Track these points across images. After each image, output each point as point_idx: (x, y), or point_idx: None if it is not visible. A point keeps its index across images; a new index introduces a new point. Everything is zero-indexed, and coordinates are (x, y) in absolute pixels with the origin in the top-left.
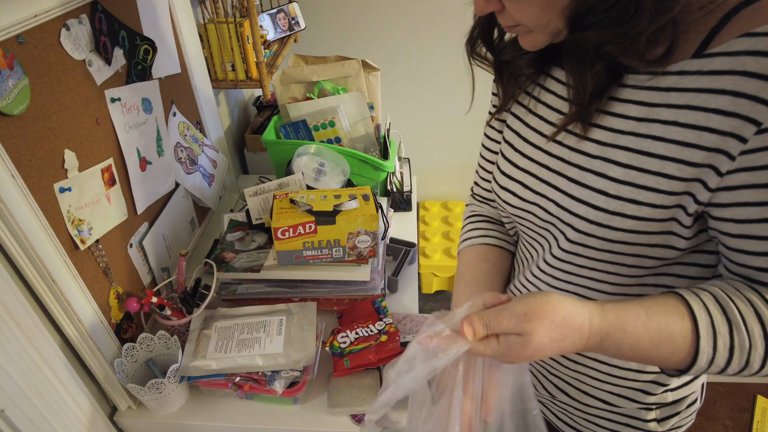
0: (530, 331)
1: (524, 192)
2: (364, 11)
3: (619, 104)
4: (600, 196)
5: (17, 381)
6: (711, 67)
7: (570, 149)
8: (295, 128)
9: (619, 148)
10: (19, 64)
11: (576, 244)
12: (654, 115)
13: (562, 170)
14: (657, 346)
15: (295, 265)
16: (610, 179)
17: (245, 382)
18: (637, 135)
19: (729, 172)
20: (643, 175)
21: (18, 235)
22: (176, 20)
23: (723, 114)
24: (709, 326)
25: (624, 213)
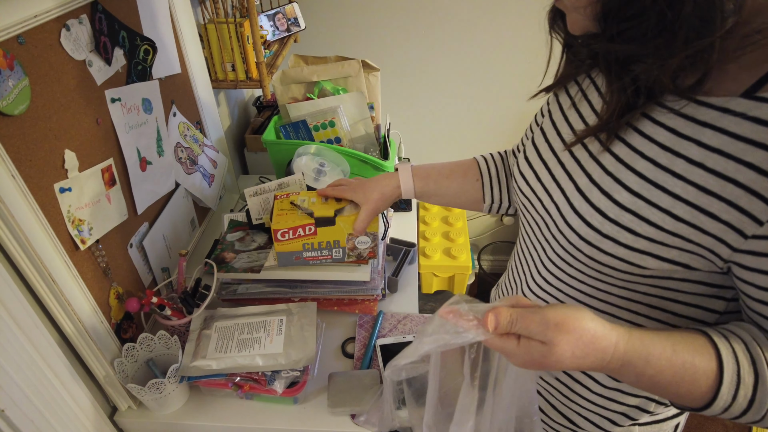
0: (556, 342)
1: (535, 183)
2: (364, 11)
3: (651, 125)
4: (597, 215)
5: (17, 381)
6: (757, 113)
7: (589, 155)
8: (295, 128)
9: (633, 172)
10: (19, 64)
11: (566, 253)
12: (681, 148)
13: (574, 175)
14: (677, 383)
15: (295, 266)
16: (614, 201)
17: (245, 382)
18: (656, 164)
19: (755, 236)
20: (649, 208)
21: (18, 235)
22: (176, 20)
23: (757, 171)
24: (734, 375)
25: (617, 239)
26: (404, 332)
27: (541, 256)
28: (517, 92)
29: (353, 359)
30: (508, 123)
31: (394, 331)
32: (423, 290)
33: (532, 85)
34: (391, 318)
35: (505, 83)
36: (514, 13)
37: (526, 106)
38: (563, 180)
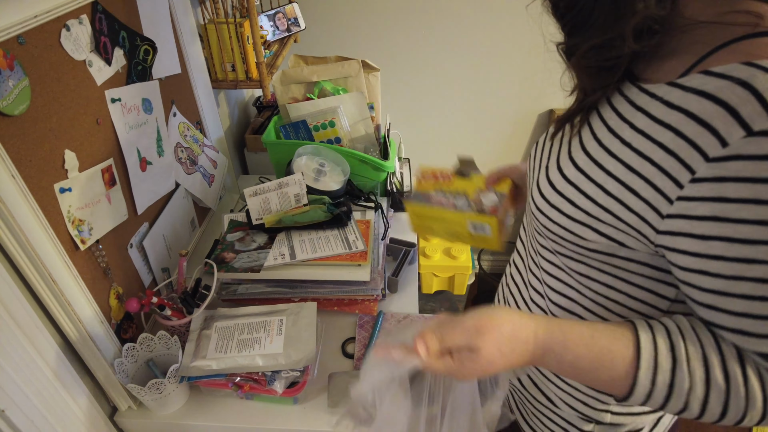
0: (481, 345)
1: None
2: (364, 11)
3: (609, 110)
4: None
5: (17, 381)
6: (670, 97)
7: (567, 141)
8: (295, 128)
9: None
10: (19, 64)
11: (535, 224)
12: (619, 130)
13: (548, 153)
14: (597, 369)
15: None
16: (563, 175)
17: (245, 382)
18: (600, 144)
19: (669, 215)
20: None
21: (18, 235)
22: (176, 21)
23: (665, 150)
24: (652, 360)
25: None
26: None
27: (528, 235)
28: (516, 92)
29: (353, 359)
30: (508, 123)
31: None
32: (423, 290)
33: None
34: (391, 318)
35: (505, 83)
36: (515, 14)
37: (525, 106)
38: (542, 158)
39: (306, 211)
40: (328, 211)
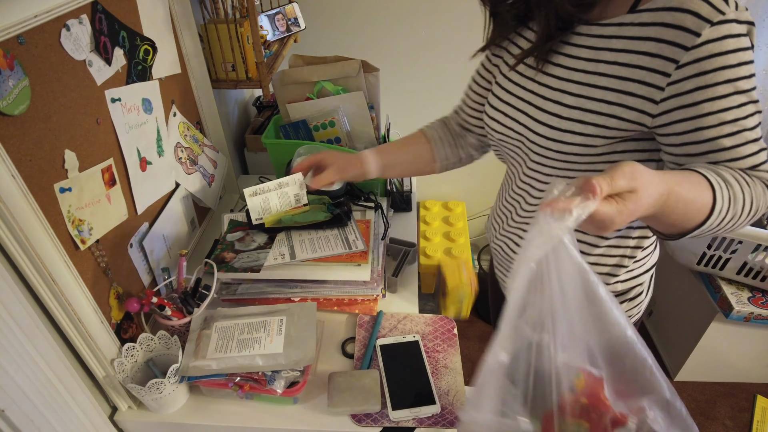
0: (638, 187)
1: (504, 119)
2: (364, 11)
3: (575, 48)
4: (555, 118)
5: (17, 381)
6: (640, 20)
7: (538, 83)
8: (295, 128)
9: (572, 82)
10: (19, 64)
11: (540, 156)
12: (599, 56)
13: (531, 100)
14: (695, 201)
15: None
16: (564, 105)
17: (245, 382)
18: (586, 72)
19: (662, 99)
20: (589, 101)
21: (18, 235)
22: (176, 20)
23: (650, 55)
24: (717, 183)
25: (573, 130)
26: (404, 332)
27: (524, 169)
28: None
29: (353, 359)
30: None
31: (394, 331)
32: (423, 290)
33: None
34: (391, 318)
35: None
36: None
37: None
38: (524, 107)
39: (306, 211)
40: (328, 211)
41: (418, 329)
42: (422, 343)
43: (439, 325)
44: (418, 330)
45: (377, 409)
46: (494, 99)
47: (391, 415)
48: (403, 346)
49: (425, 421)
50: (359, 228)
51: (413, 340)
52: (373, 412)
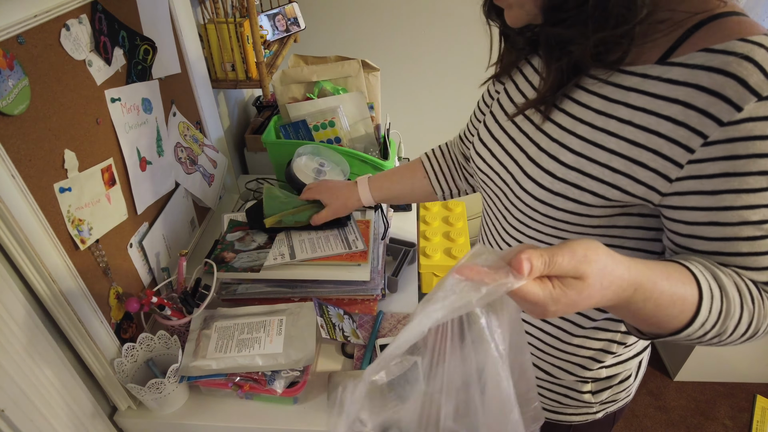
0: (588, 274)
1: (491, 159)
2: (364, 11)
3: (586, 95)
4: (547, 176)
5: (17, 381)
6: (670, 75)
7: (536, 128)
8: (295, 128)
9: (575, 136)
10: (19, 64)
11: (522, 215)
12: (612, 110)
13: (524, 146)
14: (673, 304)
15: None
16: (561, 163)
17: (245, 382)
18: (593, 127)
19: (678, 179)
20: (591, 164)
21: (18, 234)
22: (176, 20)
23: (674, 122)
24: (708, 290)
25: (566, 195)
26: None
27: (503, 224)
28: None
29: (353, 359)
30: None
31: (393, 331)
32: (423, 290)
33: None
34: (391, 318)
35: None
36: None
37: None
38: (515, 152)
39: (305, 211)
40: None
41: (418, 305)
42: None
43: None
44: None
45: None
46: (484, 131)
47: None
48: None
49: None
50: (359, 228)
51: (411, 319)
52: None
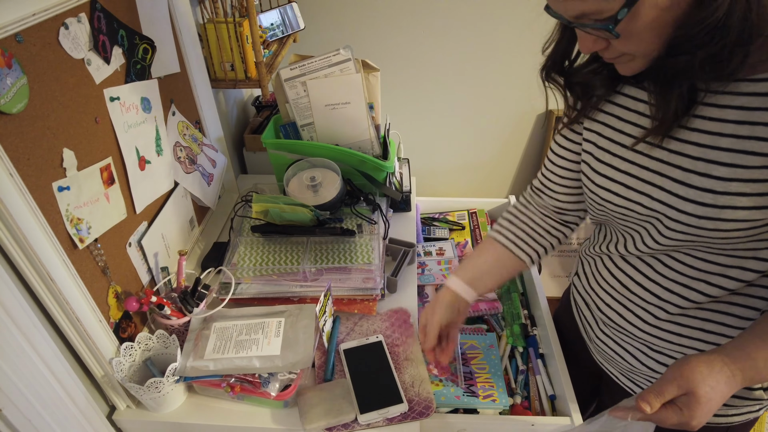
0: (693, 387)
1: (627, 191)
2: (364, 11)
3: (718, 110)
4: (707, 194)
5: (15, 381)
6: None
7: (669, 151)
8: (294, 128)
9: (720, 150)
10: (17, 62)
11: (689, 236)
12: (756, 118)
13: (664, 171)
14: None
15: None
16: (716, 178)
17: (239, 383)
18: (738, 137)
19: None
20: (748, 171)
21: (16, 233)
22: (175, 20)
23: None
24: None
25: (734, 205)
26: (365, 334)
27: (663, 250)
28: (516, 92)
29: (314, 368)
30: (507, 123)
31: (352, 334)
32: None
33: (531, 86)
34: (347, 321)
35: (505, 84)
36: (514, 13)
37: (525, 106)
38: (656, 179)
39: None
40: (314, 215)
41: (375, 327)
42: (385, 341)
43: (395, 318)
44: (376, 328)
45: (353, 418)
46: (603, 167)
47: (359, 419)
48: (367, 348)
49: (395, 420)
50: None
51: (376, 341)
52: (350, 421)
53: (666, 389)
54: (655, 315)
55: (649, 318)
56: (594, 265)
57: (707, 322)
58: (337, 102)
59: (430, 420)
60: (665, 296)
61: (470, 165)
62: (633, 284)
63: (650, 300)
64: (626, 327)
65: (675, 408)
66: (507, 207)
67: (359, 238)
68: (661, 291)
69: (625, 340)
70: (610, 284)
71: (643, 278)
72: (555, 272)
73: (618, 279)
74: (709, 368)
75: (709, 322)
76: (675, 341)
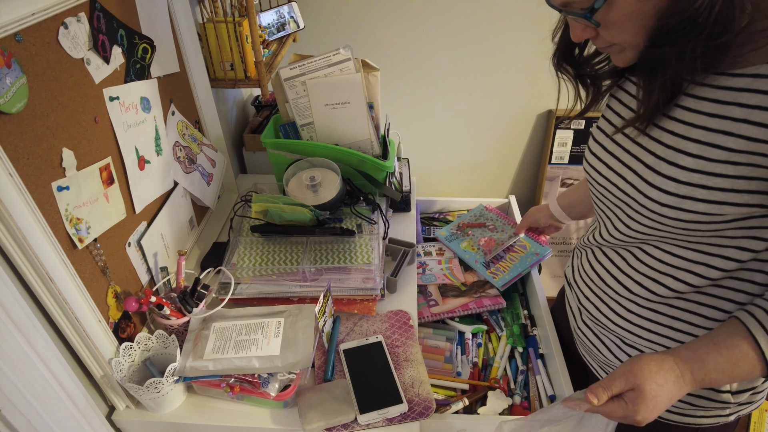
0: (639, 383)
1: (607, 171)
2: (364, 11)
3: (694, 100)
4: (671, 182)
5: (14, 381)
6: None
7: (649, 137)
8: (294, 128)
9: (690, 140)
10: (16, 62)
11: (653, 222)
12: (726, 112)
13: (641, 156)
14: (736, 364)
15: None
16: (681, 167)
17: (238, 383)
18: (708, 129)
19: None
20: (711, 163)
21: (15, 233)
22: (175, 19)
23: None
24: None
25: (694, 197)
26: (365, 334)
27: (630, 232)
28: (516, 92)
29: (314, 368)
30: (507, 122)
31: (352, 334)
32: None
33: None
34: (347, 321)
35: (505, 83)
36: (514, 13)
37: (524, 106)
38: (632, 162)
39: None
40: (314, 215)
41: (375, 328)
42: (384, 342)
43: (395, 319)
44: (376, 328)
45: (352, 418)
46: (594, 144)
47: (359, 419)
48: (367, 349)
49: (394, 420)
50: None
51: (376, 341)
52: (349, 422)
53: (614, 383)
54: (627, 308)
55: (621, 311)
56: (580, 258)
57: (675, 320)
58: (337, 102)
59: (429, 420)
60: (635, 289)
61: (470, 165)
62: (608, 276)
63: (622, 293)
64: (602, 319)
65: (621, 402)
66: (508, 207)
67: (359, 238)
68: (632, 284)
69: (602, 332)
70: (589, 276)
71: (617, 271)
72: (555, 272)
73: (596, 271)
74: (658, 366)
75: (677, 320)
76: (645, 336)
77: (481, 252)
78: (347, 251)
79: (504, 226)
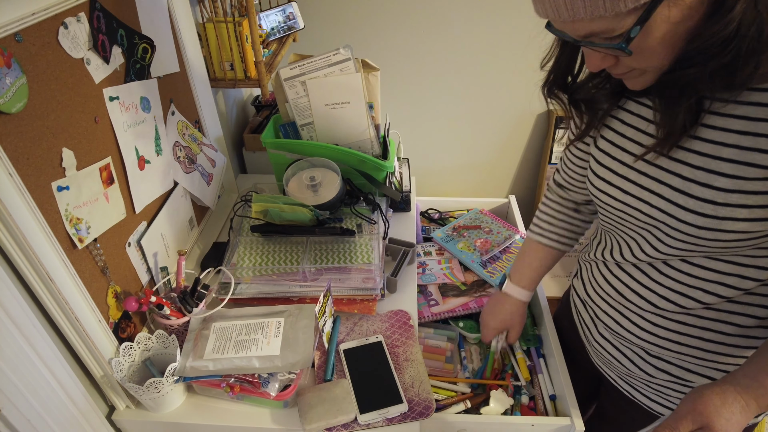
0: (708, 422)
1: (624, 197)
2: (364, 11)
3: (720, 118)
4: (707, 205)
5: (14, 381)
6: None
7: (670, 159)
8: (294, 128)
9: (722, 160)
10: (16, 62)
11: (688, 244)
12: (760, 129)
13: (664, 179)
14: None
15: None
16: (717, 189)
17: (238, 383)
18: (741, 147)
19: None
20: (749, 182)
21: (15, 233)
22: (175, 19)
23: None
24: None
25: (735, 217)
26: (365, 334)
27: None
28: (516, 92)
29: (314, 368)
30: (507, 123)
31: (352, 334)
32: None
33: (531, 85)
34: (347, 321)
35: (505, 84)
36: (514, 13)
37: (525, 106)
38: (655, 186)
39: (293, 211)
40: (314, 215)
41: (375, 327)
42: (384, 342)
43: (395, 319)
44: (376, 328)
45: (352, 418)
46: (600, 168)
47: (359, 419)
48: (367, 348)
49: (394, 420)
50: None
51: (376, 341)
52: (349, 421)
53: (681, 425)
54: (652, 321)
55: (645, 324)
56: (590, 271)
57: (706, 331)
58: (337, 102)
59: (430, 420)
60: (661, 304)
61: (470, 165)
62: (628, 291)
63: (646, 307)
64: (623, 333)
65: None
66: (508, 207)
67: (359, 238)
68: (657, 299)
69: (623, 344)
70: (605, 291)
71: (639, 286)
72: (555, 272)
73: (613, 286)
74: (722, 400)
75: (708, 330)
76: (673, 348)
77: (478, 252)
78: (347, 251)
79: (499, 228)
